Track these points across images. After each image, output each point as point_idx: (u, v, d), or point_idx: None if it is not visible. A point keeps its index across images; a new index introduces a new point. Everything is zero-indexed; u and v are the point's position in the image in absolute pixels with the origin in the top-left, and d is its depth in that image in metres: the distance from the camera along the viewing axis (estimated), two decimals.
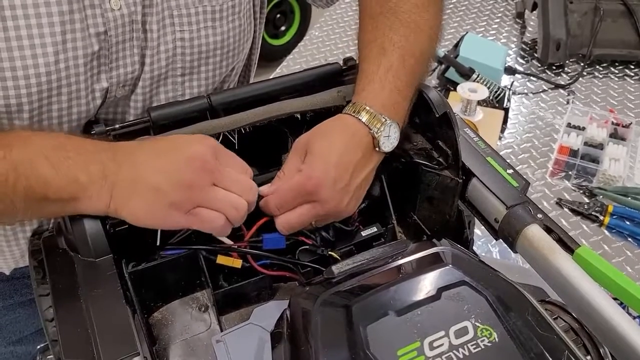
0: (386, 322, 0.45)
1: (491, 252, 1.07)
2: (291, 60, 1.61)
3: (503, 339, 0.44)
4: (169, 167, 0.55)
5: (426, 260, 0.52)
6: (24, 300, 0.90)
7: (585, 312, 0.54)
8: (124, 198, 0.55)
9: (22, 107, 0.61)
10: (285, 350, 0.50)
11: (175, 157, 0.55)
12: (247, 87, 0.74)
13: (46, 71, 0.61)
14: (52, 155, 0.54)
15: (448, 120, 0.68)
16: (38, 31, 0.60)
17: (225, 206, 0.56)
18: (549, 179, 1.24)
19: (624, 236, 1.12)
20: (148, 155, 0.56)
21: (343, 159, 0.61)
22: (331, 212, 0.62)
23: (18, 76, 0.60)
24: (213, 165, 0.56)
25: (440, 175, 0.69)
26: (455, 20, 1.77)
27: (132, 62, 0.69)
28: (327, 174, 0.60)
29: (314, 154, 0.61)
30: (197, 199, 0.55)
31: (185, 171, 0.54)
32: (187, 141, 0.57)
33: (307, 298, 0.51)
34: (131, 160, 0.56)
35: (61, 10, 0.60)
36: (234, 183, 0.57)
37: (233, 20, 0.75)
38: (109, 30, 0.65)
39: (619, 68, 1.56)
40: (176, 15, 0.70)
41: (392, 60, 0.67)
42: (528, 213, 0.62)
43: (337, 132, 0.63)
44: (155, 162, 0.55)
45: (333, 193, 0.60)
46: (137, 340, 0.51)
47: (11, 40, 0.59)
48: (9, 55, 0.59)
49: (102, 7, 0.64)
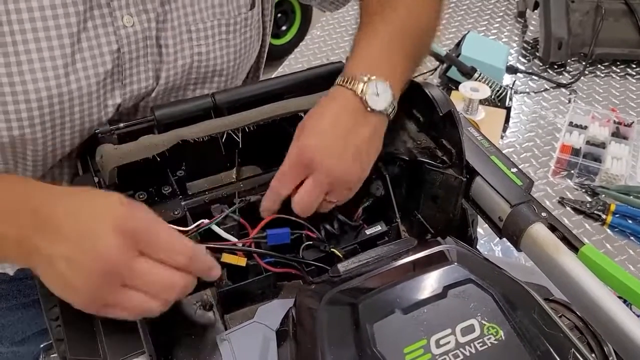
0: (392, 320, 0.45)
1: (494, 251, 1.07)
2: (293, 59, 1.61)
3: (509, 337, 0.44)
4: (75, 262, 0.47)
5: (432, 258, 0.52)
6: (27, 302, 0.90)
7: (590, 311, 0.54)
8: (40, 268, 0.50)
9: (35, 128, 0.61)
10: (291, 348, 0.50)
11: (83, 249, 0.47)
12: (251, 86, 0.74)
13: (58, 92, 0.60)
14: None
15: (452, 119, 0.68)
16: (49, 54, 0.59)
17: (131, 307, 0.49)
18: (551, 178, 1.24)
19: (626, 235, 1.12)
20: (63, 234, 0.48)
21: (334, 125, 0.61)
22: (337, 181, 0.60)
23: (30, 99, 0.59)
24: (121, 267, 0.47)
25: (444, 174, 0.69)
26: (457, 19, 1.77)
27: (147, 77, 0.69)
28: (320, 141, 0.60)
29: (305, 128, 0.61)
30: (105, 300, 0.49)
31: (90, 273, 0.47)
32: (97, 228, 0.48)
33: (313, 296, 0.51)
34: (49, 232, 0.49)
35: (71, 32, 0.60)
36: (145, 283, 0.49)
37: (245, 32, 0.75)
38: (122, 47, 0.64)
39: (620, 67, 1.56)
40: (193, 30, 0.70)
41: (378, 29, 0.67)
42: (532, 211, 0.62)
43: (325, 105, 0.63)
44: (65, 247, 0.48)
45: (330, 159, 0.59)
46: (143, 338, 0.51)
47: (22, 65, 0.58)
48: (21, 80, 0.58)
49: (115, 25, 0.63)
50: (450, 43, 1.59)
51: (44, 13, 0.58)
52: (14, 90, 0.58)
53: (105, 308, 0.49)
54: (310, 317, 0.48)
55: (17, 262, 0.53)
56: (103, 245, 0.47)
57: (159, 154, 0.62)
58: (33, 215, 0.49)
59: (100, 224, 0.47)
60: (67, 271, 0.47)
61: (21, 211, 0.51)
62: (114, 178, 0.61)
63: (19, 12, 0.57)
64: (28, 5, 0.57)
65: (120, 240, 0.47)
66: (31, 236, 0.49)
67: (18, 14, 0.57)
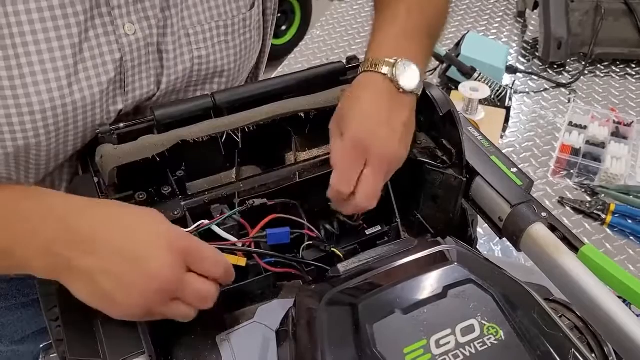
0: (392, 320, 0.45)
1: (493, 251, 1.07)
2: (292, 59, 1.61)
3: (509, 337, 0.44)
4: (125, 281, 0.49)
5: (432, 258, 0.52)
6: (26, 301, 0.90)
7: (590, 311, 0.54)
8: (74, 283, 0.51)
9: (40, 138, 0.60)
10: (291, 348, 0.50)
11: (138, 267, 0.49)
12: (251, 86, 0.74)
13: (62, 103, 0.60)
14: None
15: (452, 119, 0.68)
16: (52, 65, 0.58)
17: (175, 317, 0.53)
18: (550, 178, 1.24)
19: (626, 235, 1.12)
20: (105, 253, 0.50)
21: (375, 110, 0.62)
22: (391, 165, 0.62)
23: (34, 111, 0.58)
24: (175, 284, 0.51)
25: (444, 174, 0.69)
26: (457, 19, 1.77)
27: (149, 83, 0.68)
28: (368, 128, 0.60)
29: (347, 119, 0.62)
30: (150, 312, 0.51)
31: (144, 291, 0.49)
32: (149, 243, 0.50)
33: (313, 296, 0.51)
34: (83, 241, 0.50)
35: (73, 42, 0.59)
36: (192, 298, 0.52)
37: (244, 33, 0.75)
38: (124, 55, 0.64)
39: (620, 67, 1.56)
40: (192, 33, 0.69)
41: (396, 13, 0.68)
42: (532, 211, 0.62)
43: (358, 93, 0.63)
44: (111, 265, 0.49)
45: (382, 140, 0.60)
46: (143, 338, 0.51)
47: (25, 77, 0.57)
48: (25, 92, 0.58)
49: (117, 34, 0.63)
50: (450, 43, 1.58)
51: (45, 25, 0.57)
52: (18, 102, 0.58)
53: (148, 317, 0.52)
54: (310, 317, 0.48)
55: (38, 273, 0.53)
56: (159, 265, 0.50)
57: (158, 154, 0.62)
58: (63, 229, 0.51)
59: (155, 242, 0.51)
60: (116, 287, 0.49)
61: (46, 222, 0.51)
62: (113, 178, 0.61)
63: (20, 25, 0.56)
64: (29, 18, 0.56)
65: (173, 258, 0.50)
66: (61, 250, 0.50)
67: (19, 27, 0.56)
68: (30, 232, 0.52)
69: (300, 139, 0.72)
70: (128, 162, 0.60)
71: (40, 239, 0.51)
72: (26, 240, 0.52)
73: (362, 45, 1.64)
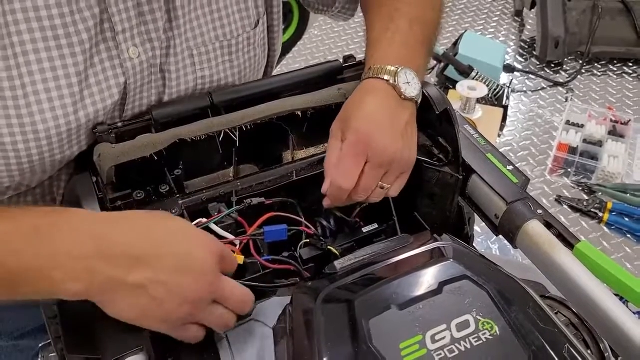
0: (388, 316, 0.46)
1: (490, 249, 1.08)
2: (290, 59, 1.62)
3: (504, 332, 0.45)
4: (174, 288, 0.50)
5: (428, 254, 0.52)
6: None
7: (586, 307, 0.54)
8: (108, 296, 0.50)
9: (44, 160, 0.61)
10: (288, 345, 0.51)
11: (182, 276, 0.50)
12: (249, 85, 0.74)
13: (67, 129, 0.60)
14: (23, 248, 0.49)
15: (448, 117, 0.68)
16: (57, 94, 0.59)
17: (217, 324, 0.54)
18: (548, 177, 1.24)
19: (623, 233, 1.13)
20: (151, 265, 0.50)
21: (378, 111, 0.63)
22: (392, 161, 0.62)
23: (40, 138, 0.59)
24: (215, 286, 0.52)
25: (440, 172, 0.69)
26: (454, 18, 1.77)
27: (149, 102, 0.69)
28: (371, 125, 0.62)
29: (350, 121, 0.63)
30: (194, 318, 0.52)
31: (191, 289, 0.50)
32: (190, 247, 0.52)
33: (310, 293, 0.51)
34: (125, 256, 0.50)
35: (79, 70, 0.59)
36: (232, 299, 0.54)
37: (249, 51, 0.75)
38: (128, 79, 0.64)
39: (617, 66, 1.57)
40: (196, 54, 0.69)
41: (399, 24, 0.69)
42: (528, 209, 0.62)
43: (362, 97, 0.65)
44: (160, 275, 0.50)
45: (385, 140, 0.61)
46: (141, 335, 0.51)
47: (32, 106, 0.57)
48: (31, 120, 0.58)
49: (121, 58, 0.63)
50: (448, 42, 1.59)
51: (51, 54, 0.58)
52: (24, 130, 0.58)
53: (183, 327, 0.52)
54: (307, 313, 0.48)
55: (70, 295, 0.50)
56: (202, 269, 0.51)
57: (156, 153, 0.62)
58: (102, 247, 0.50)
59: (194, 248, 0.52)
60: (166, 296, 0.49)
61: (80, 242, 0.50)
62: (111, 177, 0.61)
63: (25, 55, 0.57)
64: (35, 47, 0.57)
65: (212, 262, 0.52)
66: (103, 268, 0.49)
67: (25, 56, 0.57)
68: (64, 254, 0.49)
69: (297, 137, 0.73)
70: (126, 161, 0.61)
71: (76, 260, 0.49)
72: (60, 261, 0.49)
73: (359, 45, 1.65)
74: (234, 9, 0.72)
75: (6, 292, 0.51)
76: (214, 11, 0.70)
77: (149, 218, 0.55)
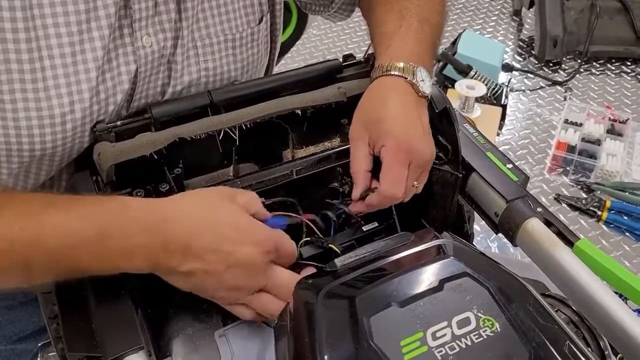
0: (389, 313, 0.46)
1: (490, 248, 1.08)
2: (289, 58, 1.62)
3: (505, 329, 0.45)
4: (220, 272, 0.53)
5: (428, 252, 0.52)
6: (25, 300, 0.90)
7: (585, 304, 0.54)
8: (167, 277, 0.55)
9: (57, 149, 0.62)
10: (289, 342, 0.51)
11: (230, 262, 0.53)
12: (248, 84, 0.74)
13: (82, 115, 0.61)
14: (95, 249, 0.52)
15: (448, 116, 0.68)
16: (75, 78, 0.60)
17: (262, 310, 0.56)
18: (547, 175, 1.25)
19: (621, 231, 1.13)
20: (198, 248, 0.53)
21: (403, 111, 0.63)
22: (427, 159, 0.63)
23: (55, 123, 0.60)
24: (265, 272, 0.55)
25: (440, 170, 0.70)
26: (453, 18, 1.77)
27: (155, 93, 0.69)
28: (404, 128, 0.62)
29: (381, 123, 0.62)
30: (241, 301, 0.56)
31: (236, 280, 0.54)
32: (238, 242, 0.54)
33: (310, 290, 0.51)
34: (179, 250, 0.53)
35: (96, 56, 0.60)
36: (281, 289, 0.56)
37: (252, 47, 0.76)
38: (139, 67, 0.65)
39: (615, 64, 1.57)
40: (200, 46, 0.70)
41: (411, 22, 0.70)
42: (528, 207, 0.62)
43: (385, 96, 0.64)
44: (209, 266, 0.53)
45: (422, 142, 0.62)
46: (141, 334, 0.51)
47: (50, 89, 0.58)
48: (48, 104, 0.59)
49: (135, 45, 0.64)
50: (447, 41, 1.59)
51: (73, 38, 0.59)
52: (41, 114, 0.59)
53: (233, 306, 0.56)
54: (308, 311, 0.48)
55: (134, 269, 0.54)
56: (248, 258, 0.53)
57: (156, 152, 0.62)
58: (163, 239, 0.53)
59: (241, 237, 0.54)
60: (216, 283, 0.54)
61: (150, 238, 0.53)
62: (111, 176, 0.61)
63: (47, 38, 0.57)
64: (57, 32, 0.58)
65: (259, 250, 0.54)
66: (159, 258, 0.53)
67: (47, 40, 0.57)
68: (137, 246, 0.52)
69: (297, 136, 0.73)
70: (126, 160, 0.61)
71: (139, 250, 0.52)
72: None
73: (358, 44, 1.65)
74: (240, 4, 0.73)
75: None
76: (220, 5, 0.71)
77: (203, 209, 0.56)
